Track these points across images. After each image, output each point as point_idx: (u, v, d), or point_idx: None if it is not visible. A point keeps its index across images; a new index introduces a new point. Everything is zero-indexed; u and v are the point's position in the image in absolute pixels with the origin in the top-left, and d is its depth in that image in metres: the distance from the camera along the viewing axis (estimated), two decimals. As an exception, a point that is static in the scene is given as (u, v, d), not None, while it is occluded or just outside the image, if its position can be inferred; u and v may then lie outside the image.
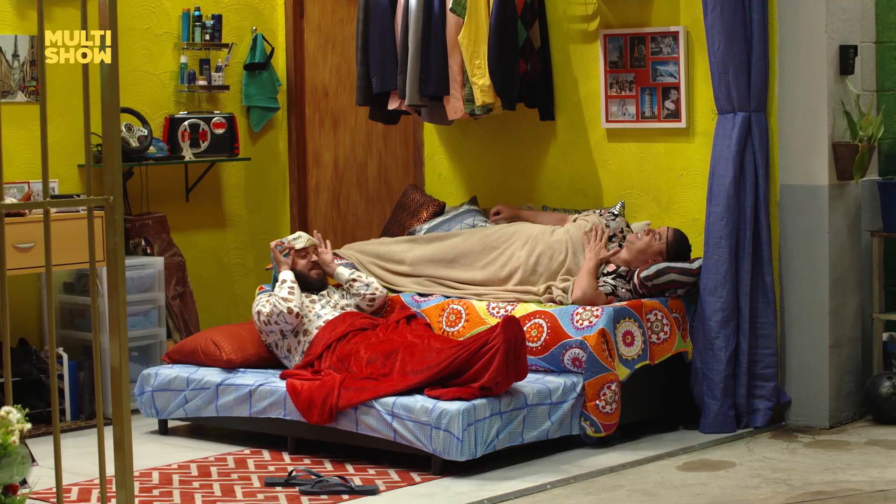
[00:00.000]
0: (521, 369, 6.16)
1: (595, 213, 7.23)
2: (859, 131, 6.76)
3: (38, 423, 6.85)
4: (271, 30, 8.63)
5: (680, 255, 6.94)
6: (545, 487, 5.85)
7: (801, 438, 6.64)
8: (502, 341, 6.05)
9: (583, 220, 7.14)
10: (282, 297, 6.82)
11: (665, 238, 6.93)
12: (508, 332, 6.08)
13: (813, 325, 6.83)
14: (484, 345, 6.11)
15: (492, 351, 6.07)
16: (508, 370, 6.08)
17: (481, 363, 6.10)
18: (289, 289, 6.86)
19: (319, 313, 6.88)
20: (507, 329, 6.08)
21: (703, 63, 7.04)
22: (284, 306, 6.78)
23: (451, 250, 7.27)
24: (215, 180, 8.42)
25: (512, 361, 6.09)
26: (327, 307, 6.93)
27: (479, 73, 7.22)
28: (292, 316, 6.78)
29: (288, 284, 6.88)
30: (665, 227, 7.00)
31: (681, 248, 6.96)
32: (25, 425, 3.71)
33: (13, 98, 7.42)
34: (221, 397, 6.74)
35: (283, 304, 6.79)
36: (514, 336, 6.09)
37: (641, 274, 6.79)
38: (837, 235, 6.85)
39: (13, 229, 6.60)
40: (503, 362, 6.04)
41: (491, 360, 6.06)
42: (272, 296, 6.87)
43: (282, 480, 5.98)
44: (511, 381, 6.15)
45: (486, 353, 6.09)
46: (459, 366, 6.16)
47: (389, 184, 8.57)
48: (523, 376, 6.21)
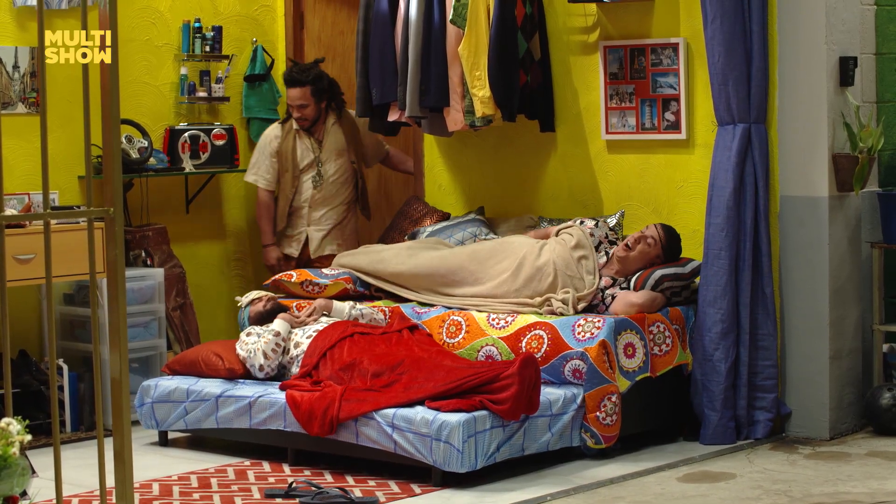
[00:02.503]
0: (532, 406, 6.16)
1: (576, 222, 7.20)
2: (859, 143, 6.76)
3: (39, 435, 6.84)
4: (271, 41, 8.63)
5: (674, 252, 6.95)
6: (546, 499, 5.84)
7: (801, 450, 6.63)
8: (517, 382, 6.04)
9: (566, 235, 7.11)
10: (263, 350, 6.75)
11: (658, 241, 6.93)
12: (524, 373, 6.06)
13: (813, 337, 6.83)
14: (495, 378, 6.10)
15: (504, 383, 6.06)
16: (519, 407, 6.08)
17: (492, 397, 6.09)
18: (274, 346, 6.75)
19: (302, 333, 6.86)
20: (524, 369, 6.06)
21: (703, 74, 7.04)
22: (258, 362, 6.74)
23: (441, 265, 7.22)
24: (215, 192, 8.42)
25: (524, 401, 6.09)
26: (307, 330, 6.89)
27: (479, 85, 7.23)
28: (261, 373, 6.77)
29: (275, 341, 6.77)
30: (652, 228, 6.97)
31: (674, 245, 6.98)
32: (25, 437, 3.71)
33: (13, 109, 7.42)
34: (221, 409, 6.73)
35: (259, 359, 6.74)
36: (529, 377, 6.08)
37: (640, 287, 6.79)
38: (837, 247, 6.85)
39: (13, 241, 6.59)
40: (515, 398, 6.04)
41: (503, 389, 6.06)
42: (256, 340, 6.81)
43: (282, 492, 5.98)
44: (519, 416, 6.14)
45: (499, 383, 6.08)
46: (467, 391, 6.15)
47: (389, 195, 8.57)
48: (534, 412, 6.21)
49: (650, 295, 6.72)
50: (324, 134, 8.07)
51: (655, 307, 6.73)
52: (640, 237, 6.94)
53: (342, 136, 8.09)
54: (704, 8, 6.75)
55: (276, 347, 6.75)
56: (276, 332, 6.79)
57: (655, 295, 6.74)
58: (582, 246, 7.01)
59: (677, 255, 6.99)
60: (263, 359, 6.73)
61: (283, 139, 8.03)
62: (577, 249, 7.00)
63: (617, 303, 6.75)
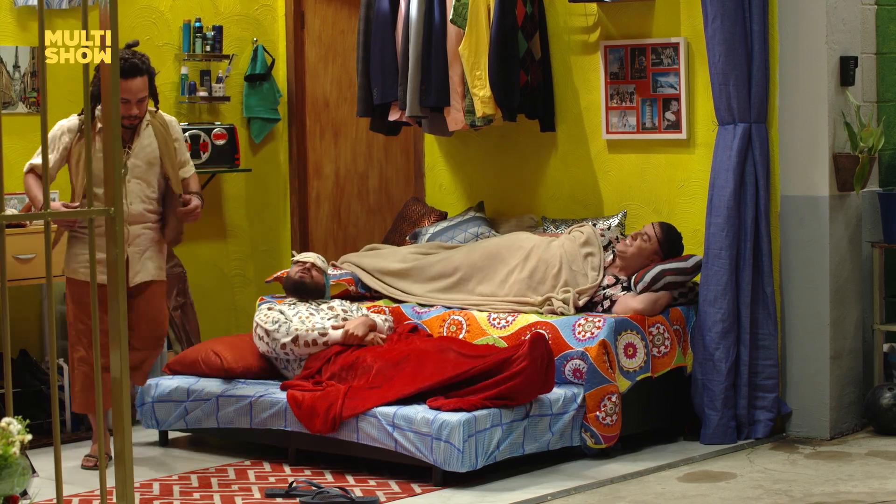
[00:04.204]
0: (548, 385, 6.18)
1: (589, 223, 7.23)
2: (860, 142, 6.76)
3: (39, 435, 6.84)
4: (272, 41, 8.64)
5: (673, 248, 6.95)
6: (546, 498, 5.84)
7: (801, 449, 6.63)
8: (529, 362, 6.04)
9: (578, 232, 7.14)
10: (299, 335, 6.66)
11: (654, 237, 6.93)
12: (535, 353, 6.07)
13: (814, 336, 6.83)
14: (506, 360, 6.10)
15: (516, 368, 6.06)
16: (533, 386, 6.09)
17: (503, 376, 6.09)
18: (310, 340, 6.67)
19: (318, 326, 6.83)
20: (534, 349, 6.07)
21: (703, 74, 7.04)
22: (285, 340, 6.66)
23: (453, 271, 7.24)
24: (216, 191, 8.42)
25: (538, 380, 6.10)
26: (325, 320, 6.86)
27: (479, 85, 7.23)
28: (280, 351, 6.73)
29: (314, 336, 6.68)
30: (650, 226, 6.98)
31: (672, 241, 6.97)
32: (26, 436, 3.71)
33: (14, 109, 7.42)
34: (222, 408, 6.73)
35: (287, 338, 6.66)
36: (541, 356, 6.09)
37: (638, 287, 6.79)
38: (838, 246, 6.85)
39: (14, 240, 6.59)
40: (528, 378, 6.04)
41: (514, 376, 6.06)
42: (286, 319, 6.77)
43: (282, 492, 5.98)
44: (535, 396, 6.15)
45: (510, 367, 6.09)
46: (476, 376, 6.14)
47: (390, 195, 8.57)
48: (549, 391, 6.22)
49: (650, 298, 6.71)
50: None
51: (657, 309, 6.73)
52: (636, 234, 6.96)
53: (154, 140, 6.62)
54: (705, 8, 6.75)
55: (312, 345, 6.69)
56: (325, 333, 6.72)
57: (657, 297, 6.73)
58: (590, 243, 7.03)
59: (678, 253, 6.99)
60: (292, 342, 6.68)
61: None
62: (585, 246, 7.02)
63: (617, 307, 6.75)
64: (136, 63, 6.38)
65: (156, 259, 6.57)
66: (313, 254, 7.20)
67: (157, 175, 6.52)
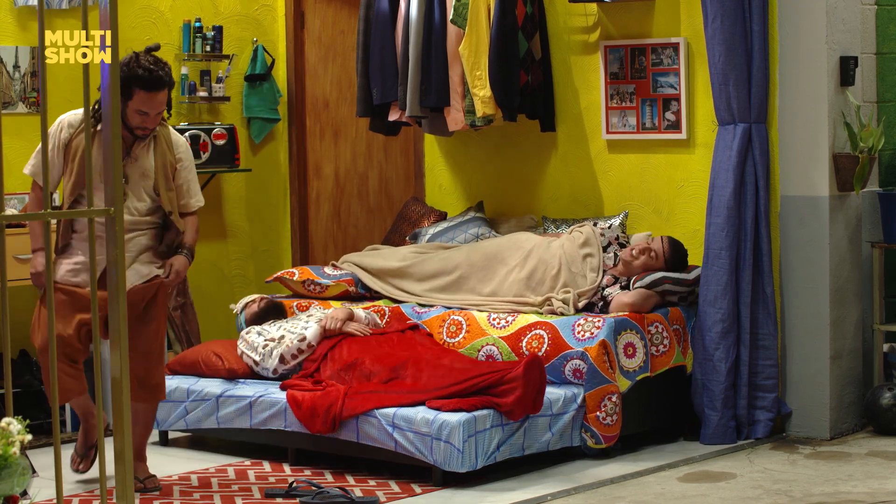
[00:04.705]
0: (536, 406, 6.18)
1: (589, 223, 7.22)
2: (860, 142, 6.76)
3: (39, 435, 6.84)
4: (272, 41, 8.63)
5: (678, 266, 6.94)
6: (546, 499, 5.84)
7: (801, 450, 6.63)
8: (522, 385, 6.04)
9: (577, 232, 7.14)
10: (282, 354, 6.71)
11: (662, 255, 6.91)
12: (529, 376, 6.06)
13: (813, 336, 6.83)
14: (500, 381, 6.09)
15: (509, 386, 6.06)
16: (524, 409, 6.10)
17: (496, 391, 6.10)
18: (295, 352, 6.72)
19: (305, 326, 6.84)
20: (529, 372, 6.07)
21: (703, 74, 7.04)
22: (273, 365, 6.72)
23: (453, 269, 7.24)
24: (216, 191, 8.42)
25: (529, 403, 6.10)
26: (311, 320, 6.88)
27: (479, 85, 7.23)
28: (274, 374, 6.75)
29: (299, 346, 6.72)
30: (658, 241, 6.97)
31: (678, 259, 6.96)
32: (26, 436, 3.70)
33: (14, 109, 7.42)
34: (222, 409, 6.74)
35: (274, 362, 6.71)
36: (534, 380, 6.08)
37: (636, 285, 6.79)
38: (838, 246, 6.85)
39: (14, 240, 6.59)
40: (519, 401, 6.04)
41: (506, 394, 6.06)
42: (265, 341, 6.78)
43: (282, 492, 5.98)
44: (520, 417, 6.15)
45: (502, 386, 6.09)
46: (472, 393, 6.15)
47: (390, 195, 8.57)
48: (537, 412, 6.22)
49: (641, 294, 6.71)
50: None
51: (649, 306, 6.72)
52: (645, 248, 6.94)
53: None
54: (705, 8, 6.75)
55: (298, 353, 6.73)
56: (302, 338, 6.75)
57: (648, 293, 6.73)
58: (589, 244, 7.03)
59: (682, 269, 6.97)
60: (280, 363, 6.71)
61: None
62: (584, 247, 7.01)
63: (612, 305, 6.76)
64: (161, 76, 6.03)
65: (146, 266, 6.14)
66: (250, 295, 7.40)
67: (149, 189, 6.11)
